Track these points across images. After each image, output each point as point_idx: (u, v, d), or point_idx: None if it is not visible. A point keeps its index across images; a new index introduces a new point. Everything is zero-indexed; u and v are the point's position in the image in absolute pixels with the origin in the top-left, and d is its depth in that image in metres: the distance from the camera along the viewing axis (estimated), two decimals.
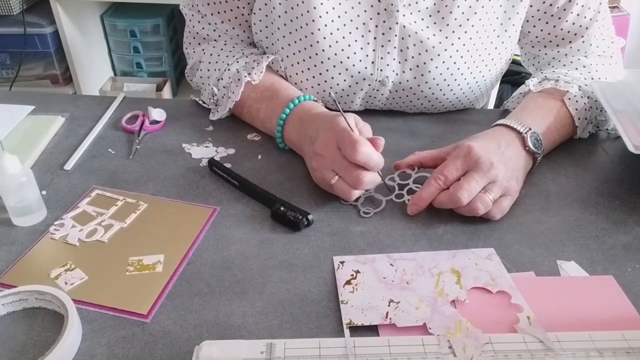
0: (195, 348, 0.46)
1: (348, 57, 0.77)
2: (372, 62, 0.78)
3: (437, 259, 0.57)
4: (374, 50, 0.77)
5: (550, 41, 0.83)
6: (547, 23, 0.81)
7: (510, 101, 0.85)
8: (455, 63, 0.78)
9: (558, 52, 0.83)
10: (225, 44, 0.83)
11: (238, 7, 0.80)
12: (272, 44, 0.81)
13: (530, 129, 0.67)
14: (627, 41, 1.98)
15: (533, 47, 0.85)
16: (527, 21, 0.81)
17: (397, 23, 0.75)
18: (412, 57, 0.77)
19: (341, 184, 0.62)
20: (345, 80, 0.79)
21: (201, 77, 0.84)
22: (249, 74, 0.76)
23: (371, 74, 0.78)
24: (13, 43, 1.76)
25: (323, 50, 0.76)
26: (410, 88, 0.80)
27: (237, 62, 0.79)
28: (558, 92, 0.75)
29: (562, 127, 0.74)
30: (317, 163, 0.64)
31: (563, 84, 0.76)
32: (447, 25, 0.76)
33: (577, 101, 0.74)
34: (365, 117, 0.66)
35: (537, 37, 0.83)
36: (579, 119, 0.74)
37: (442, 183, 0.61)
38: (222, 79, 0.79)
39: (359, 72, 0.78)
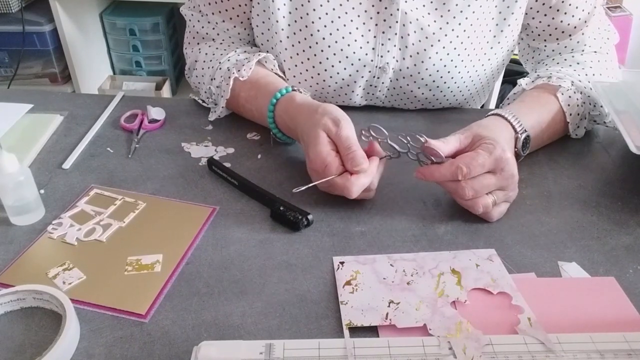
0: (194, 348, 0.46)
1: (348, 45, 0.77)
2: (373, 49, 0.78)
3: (437, 260, 0.56)
4: (374, 36, 0.77)
5: (550, 34, 0.83)
6: (545, 15, 0.81)
7: (506, 103, 0.85)
8: (455, 49, 0.78)
9: (558, 44, 0.84)
10: (221, 44, 0.84)
11: (240, 5, 0.80)
12: (272, 37, 0.80)
13: (525, 130, 0.68)
14: (630, 41, 1.98)
15: (534, 40, 0.85)
16: (527, 13, 0.82)
17: (398, 9, 0.75)
18: (413, 44, 0.77)
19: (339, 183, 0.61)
20: (345, 68, 0.79)
21: (196, 76, 0.85)
22: (238, 70, 0.76)
23: (371, 60, 0.79)
24: (11, 41, 1.75)
25: (323, 39, 0.76)
26: (411, 75, 0.80)
27: (229, 60, 0.79)
28: (551, 87, 0.75)
29: (554, 124, 0.74)
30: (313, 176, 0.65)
31: (555, 80, 0.76)
32: (449, 10, 0.76)
33: (569, 96, 0.74)
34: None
35: (537, 28, 0.83)
36: (570, 114, 0.74)
37: (462, 176, 0.59)
38: (214, 78, 0.79)
39: (359, 59, 0.78)
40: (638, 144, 0.62)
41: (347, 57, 0.78)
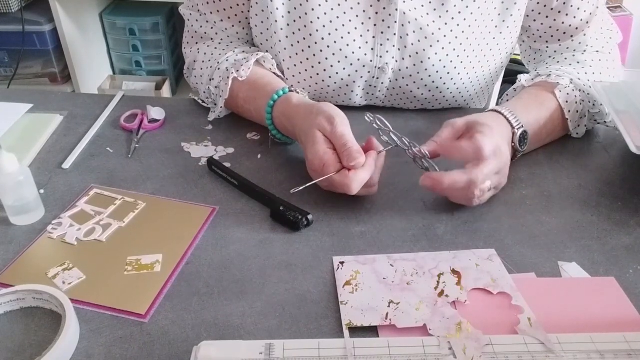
0: (194, 348, 0.46)
1: (347, 45, 0.77)
2: (372, 49, 0.78)
3: (437, 260, 0.56)
4: (373, 37, 0.77)
5: (552, 36, 0.83)
6: (547, 17, 0.81)
7: (504, 100, 0.85)
8: (454, 50, 0.78)
9: (560, 45, 0.84)
10: (219, 43, 0.84)
11: (238, 5, 0.80)
12: (271, 37, 0.80)
13: (522, 126, 0.68)
14: (630, 41, 1.98)
15: (535, 42, 0.85)
16: (528, 16, 0.82)
17: (396, 10, 0.75)
18: (412, 44, 0.77)
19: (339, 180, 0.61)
20: (344, 68, 0.79)
21: (195, 76, 0.85)
22: (237, 71, 0.76)
23: (370, 61, 0.79)
24: (11, 41, 1.75)
25: (322, 39, 0.76)
26: (410, 76, 0.80)
27: (227, 60, 0.79)
28: (549, 85, 0.75)
29: (553, 122, 0.74)
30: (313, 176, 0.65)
31: (554, 78, 0.76)
32: (447, 11, 0.76)
33: (567, 94, 0.74)
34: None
35: (538, 30, 0.83)
36: (569, 111, 0.74)
37: (477, 198, 0.61)
38: (213, 78, 0.79)
39: (358, 60, 0.78)
40: (638, 144, 0.62)
41: (346, 57, 0.78)
